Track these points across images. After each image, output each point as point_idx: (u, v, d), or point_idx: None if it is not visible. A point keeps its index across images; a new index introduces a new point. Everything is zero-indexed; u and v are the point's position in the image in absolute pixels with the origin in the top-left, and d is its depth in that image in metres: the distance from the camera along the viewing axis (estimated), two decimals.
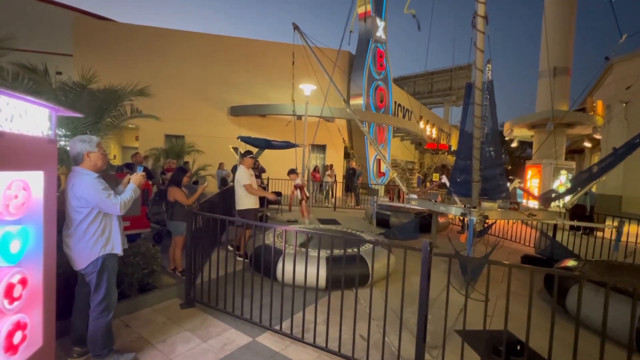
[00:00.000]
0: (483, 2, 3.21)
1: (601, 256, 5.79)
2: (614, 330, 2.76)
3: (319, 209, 11.00)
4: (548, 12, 12.79)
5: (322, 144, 15.79)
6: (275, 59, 14.92)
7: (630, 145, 4.68)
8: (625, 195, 15.66)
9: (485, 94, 4.20)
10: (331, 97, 10.17)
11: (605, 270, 4.12)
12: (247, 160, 4.94)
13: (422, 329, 2.11)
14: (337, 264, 3.49)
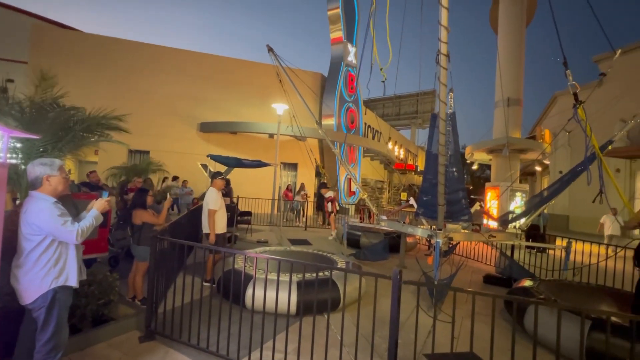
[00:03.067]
0: (445, 42, 3.50)
1: (553, 274, 6.23)
2: (567, 347, 2.95)
3: (290, 228, 10.89)
4: (501, 49, 14.16)
5: (294, 163, 15.84)
6: (248, 77, 15.01)
7: (574, 173, 5.18)
8: (572, 215, 17.17)
9: (449, 122, 4.49)
10: (303, 117, 10.33)
11: (558, 289, 4.43)
12: (217, 182, 4.80)
13: (392, 355, 2.13)
14: (308, 288, 3.45)
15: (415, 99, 37.42)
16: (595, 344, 2.77)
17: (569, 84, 4.35)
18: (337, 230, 9.20)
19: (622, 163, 15.63)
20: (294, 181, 15.82)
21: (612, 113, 12.43)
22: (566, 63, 4.21)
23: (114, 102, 10.22)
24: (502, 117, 13.10)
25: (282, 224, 10.82)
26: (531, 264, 6.83)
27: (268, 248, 5.90)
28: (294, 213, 12.44)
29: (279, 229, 9.61)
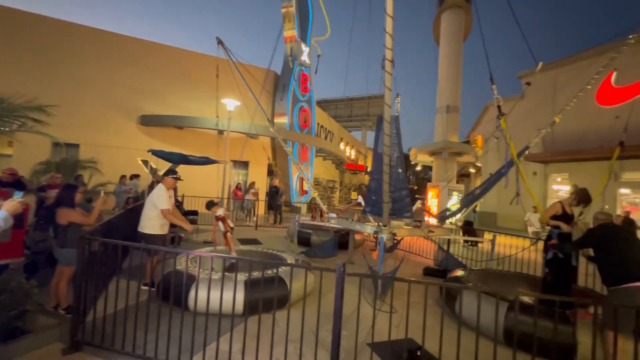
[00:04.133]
0: (390, 49, 3.71)
1: (482, 264, 6.96)
2: (490, 328, 3.31)
3: (240, 228, 10.60)
4: (442, 61, 15.39)
5: (245, 161, 15.45)
6: (196, 69, 14.26)
7: (499, 174, 5.84)
8: (499, 212, 19.27)
9: (394, 125, 4.77)
10: (255, 114, 10.13)
11: (484, 277, 4.96)
12: (168, 181, 4.43)
13: (336, 346, 2.21)
14: (255, 287, 3.41)
15: (366, 102, 38.87)
16: (511, 323, 3.17)
17: (494, 97, 4.89)
18: (288, 229, 9.20)
19: (539, 167, 17.99)
20: (244, 180, 15.43)
21: (530, 123, 14.23)
22: (492, 79, 4.73)
23: (38, 89, 9.05)
24: (442, 122, 14.26)
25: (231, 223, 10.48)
26: (464, 256, 7.55)
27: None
28: (245, 212, 12.14)
29: None
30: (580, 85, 5.99)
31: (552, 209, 4.27)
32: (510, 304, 3.34)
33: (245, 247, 6.24)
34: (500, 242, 8.40)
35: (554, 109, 15.64)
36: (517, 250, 6.98)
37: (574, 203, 4.22)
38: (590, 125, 14.91)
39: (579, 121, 15.14)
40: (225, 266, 3.60)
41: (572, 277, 4.10)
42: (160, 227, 4.20)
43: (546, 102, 16.54)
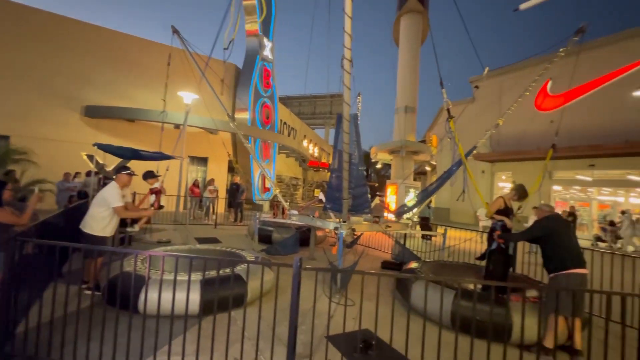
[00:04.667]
0: (349, 48, 3.79)
1: (434, 256, 7.40)
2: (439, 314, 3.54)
3: (198, 227, 10.21)
4: (400, 63, 16.01)
5: (204, 157, 14.87)
6: (150, 59, 13.39)
7: (449, 172, 6.24)
8: (452, 208, 20.60)
9: (353, 124, 4.88)
10: (215, 109, 9.78)
11: (436, 268, 5.28)
12: (122, 178, 4.07)
13: (292, 340, 2.23)
14: (212, 286, 3.31)
15: (329, 100, 39.24)
16: (458, 309, 3.42)
17: (444, 100, 5.20)
18: (249, 227, 9.05)
19: (486, 166, 19.51)
20: (203, 176, 14.85)
21: (480, 124, 15.38)
22: (442, 83, 5.02)
23: None
24: (401, 122, 14.87)
25: (188, 222, 10.05)
26: (419, 249, 7.98)
27: (170, 248, 5.42)
28: (203, 210, 11.70)
29: (184, 227, 8.91)
30: (521, 91, 6.60)
31: (495, 203, 4.65)
32: (457, 291, 3.60)
33: (203, 247, 6.02)
34: (452, 235, 8.99)
35: (500, 112, 17.04)
36: (465, 242, 7.53)
37: (514, 198, 4.64)
38: (530, 129, 16.41)
39: (520, 124, 16.61)
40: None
41: (510, 265, 4.53)
42: (103, 228, 3.83)
43: (493, 105, 17.94)
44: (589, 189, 16.83)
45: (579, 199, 17.63)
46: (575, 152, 14.42)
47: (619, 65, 15.03)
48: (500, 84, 18.32)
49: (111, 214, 3.84)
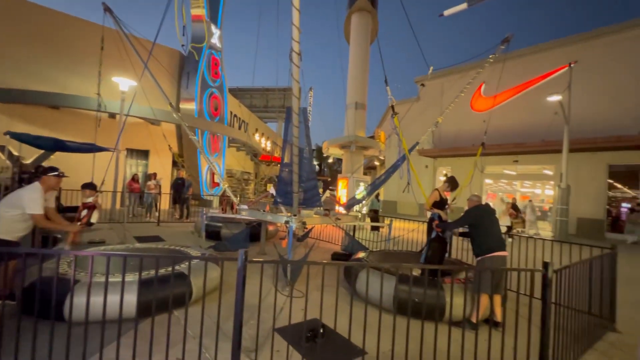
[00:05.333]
0: (297, 41, 3.78)
1: (381, 246, 7.79)
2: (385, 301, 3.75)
3: (139, 225, 9.47)
4: (351, 60, 16.39)
5: (145, 150, 13.76)
6: (79, 39, 11.92)
7: (395, 166, 6.59)
8: (399, 200, 21.80)
9: (302, 117, 4.89)
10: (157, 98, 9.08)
11: (382, 257, 5.57)
12: (49, 180, 3.47)
13: (237, 335, 2.19)
14: (150, 286, 3.11)
15: (283, 93, 38.69)
16: (399, 294, 3.65)
17: (388, 97, 5.45)
18: (196, 223, 8.64)
19: (429, 161, 20.98)
20: (144, 171, 13.76)
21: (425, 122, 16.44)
22: (386, 81, 5.26)
23: None
24: (351, 117, 15.27)
25: (126, 220, 9.26)
26: (368, 240, 8.34)
27: (104, 248, 4.95)
28: (144, 207, 10.86)
29: (122, 226, 8.19)
30: (459, 92, 7.17)
31: (432, 196, 5.04)
32: (399, 278, 3.85)
33: (143, 245, 5.61)
34: (398, 226, 9.54)
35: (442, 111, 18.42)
36: (410, 233, 8.05)
37: (447, 189, 5.07)
38: (466, 127, 18.00)
39: (458, 123, 18.14)
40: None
41: (446, 251, 4.97)
42: (10, 232, 3.23)
43: (436, 104, 19.28)
44: (514, 182, 19.04)
45: (506, 191, 19.85)
46: (503, 149, 16.16)
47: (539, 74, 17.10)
48: (442, 84, 19.74)
49: (25, 219, 3.29)
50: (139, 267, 2.34)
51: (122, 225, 8.21)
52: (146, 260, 3.89)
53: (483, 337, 3.13)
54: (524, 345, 2.45)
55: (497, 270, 3.39)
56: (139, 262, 2.33)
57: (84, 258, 3.66)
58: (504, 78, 12.72)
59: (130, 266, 3.86)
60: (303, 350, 2.69)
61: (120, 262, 3.86)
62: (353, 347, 2.86)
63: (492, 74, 13.30)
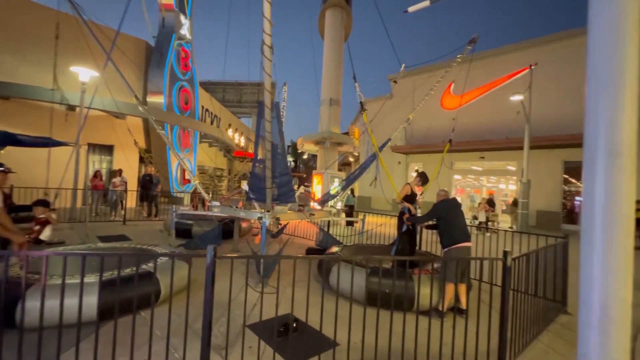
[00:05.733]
0: (269, 34, 3.71)
1: (354, 240, 7.91)
2: (357, 293, 3.81)
3: (103, 224, 8.98)
4: (325, 56, 16.39)
5: (109, 145, 13.03)
6: (32, 24, 11.00)
7: (367, 162, 6.69)
8: (373, 196, 22.21)
9: (274, 112, 4.83)
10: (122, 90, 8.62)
11: (355, 251, 5.66)
12: None
13: (207, 333, 2.14)
14: (113, 287, 2.97)
15: (257, 88, 37.93)
16: (370, 285, 3.73)
17: (357, 94, 5.51)
18: (165, 222, 8.33)
19: (402, 157, 21.53)
20: (109, 167, 13.03)
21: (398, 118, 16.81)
22: (355, 77, 5.30)
23: None
24: (326, 114, 15.31)
25: (88, 219, 8.75)
26: (342, 234, 8.43)
27: (62, 249, 4.64)
28: (109, 205, 10.30)
29: (83, 225, 7.72)
30: (428, 90, 7.37)
31: (404, 190, 5.17)
32: (371, 270, 3.93)
33: (108, 245, 5.32)
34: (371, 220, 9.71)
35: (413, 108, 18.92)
36: (382, 227, 8.23)
37: (418, 183, 5.23)
38: (437, 124, 18.59)
39: (430, 120, 18.70)
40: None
41: (416, 243, 5.14)
42: None
43: (408, 101, 19.76)
44: (481, 177, 19.99)
45: (474, 186, 20.81)
46: (470, 146, 16.90)
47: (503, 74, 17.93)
48: (414, 82, 20.24)
49: None
50: (100, 266, 2.22)
51: (84, 224, 7.74)
52: (109, 260, 3.70)
53: (449, 324, 3.28)
54: (486, 330, 2.59)
55: (461, 260, 3.55)
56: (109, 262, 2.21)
57: (39, 259, 3.41)
58: (471, 78, 13.28)
59: (92, 267, 3.65)
60: (275, 345, 2.69)
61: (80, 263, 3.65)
62: (325, 339, 2.89)
63: (460, 74, 13.81)
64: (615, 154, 0.93)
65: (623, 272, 0.98)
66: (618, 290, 0.97)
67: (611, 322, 0.98)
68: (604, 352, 0.99)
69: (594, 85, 1.03)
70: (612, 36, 0.99)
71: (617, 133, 0.95)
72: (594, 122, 1.01)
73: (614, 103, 0.96)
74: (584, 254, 1.07)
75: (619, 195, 0.96)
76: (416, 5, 1.73)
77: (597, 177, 1.00)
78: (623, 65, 0.97)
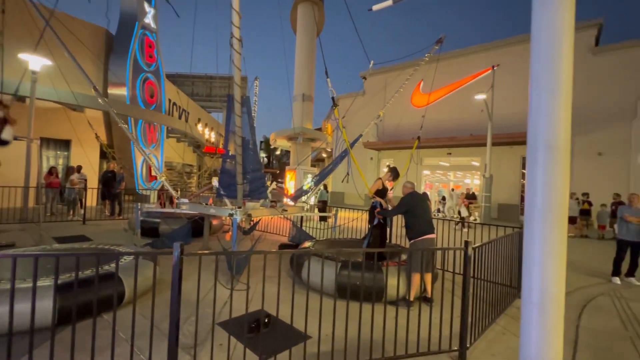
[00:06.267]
0: (237, 27, 3.63)
1: (327, 234, 8.00)
2: (329, 286, 3.87)
3: (59, 224, 8.40)
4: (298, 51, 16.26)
5: (65, 139, 12.16)
6: None
7: (339, 158, 6.77)
8: (346, 192, 22.50)
9: (245, 107, 4.75)
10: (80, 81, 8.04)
11: (328, 245, 5.72)
12: None
13: (174, 333, 2.09)
14: (70, 290, 2.80)
15: (227, 82, 36.91)
16: (341, 279, 3.80)
17: (329, 89, 5.55)
18: (130, 220, 7.94)
19: (374, 153, 21.95)
20: (65, 163, 12.16)
21: (369, 115, 17.09)
22: (327, 73, 5.34)
23: None
24: (299, 109, 15.24)
25: (42, 219, 8.14)
26: (315, 228, 8.50)
27: (12, 251, 4.30)
28: (66, 204, 9.64)
29: (37, 226, 7.17)
30: (398, 88, 7.56)
31: (375, 185, 5.29)
32: (342, 264, 4.00)
33: (65, 246, 4.99)
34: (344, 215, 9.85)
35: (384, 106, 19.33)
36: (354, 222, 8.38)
37: (390, 179, 5.37)
38: (408, 121, 19.13)
39: (400, 117, 19.19)
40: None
41: (386, 237, 5.29)
42: None
43: (380, 98, 20.14)
44: (448, 172, 20.87)
45: (442, 181, 21.69)
46: (438, 142, 17.58)
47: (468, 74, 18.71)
48: (385, 79, 20.66)
49: None
50: (55, 268, 2.08)
51: (38, 225, 7.19)
52: (67, 261, 3.48)
53: (416, 312, 3.42)
54: (449, 316, 2.74)
55: (426, 251, 3.71)
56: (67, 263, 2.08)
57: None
58: (438, 77, 13.78)
59: (47, 269, 3.41)
60: (246, 341, 2.67)
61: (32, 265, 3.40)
62: (297, 333, 2.92)
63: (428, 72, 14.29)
64: (553, 148, 1.04)
65: (559, 255, 1.09)
66: (555, 271, 1.08)
67: (549, 299, 1.09)
68: (543, 326, 1.10)
69: (535, 87, 1.14)
70: (551, 47, 1.10)
71: (555, 129, 1.06)
72: (536, 120, 1.12)
73: (552, 103, 1.06)
74: (526, 240, 1.18)
75: (555, 185, 1.07)
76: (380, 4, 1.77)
77: (537, 169, 1.11)
78: (560, 71, 1.08)
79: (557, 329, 1.14)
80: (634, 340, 3.33)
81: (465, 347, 2.73)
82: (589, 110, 14.29)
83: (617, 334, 3.50)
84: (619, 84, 13.98)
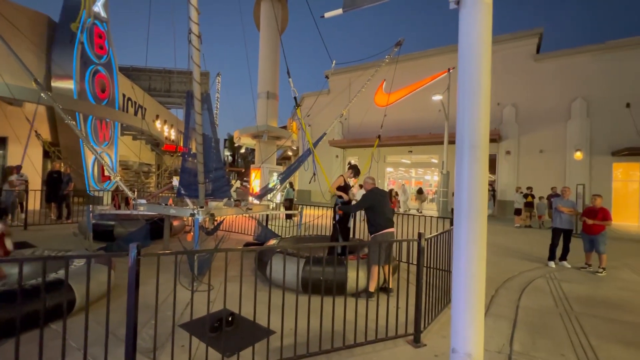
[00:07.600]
0: (196, 23, 3.55)
1: (292, 232, 8.06)
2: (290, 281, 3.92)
3: None
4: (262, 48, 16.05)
5: (1, 137, 10.99)
6: None
7: (305, 156, 6.85)
8: (312, 190, 22.64)
9: (205, 104, 4.65)
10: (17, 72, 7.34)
11: (293, 242, 5.78)
12: None
13: (131, 336, 2.04)
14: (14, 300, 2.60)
15: (186, 77, 35.25)
16: (304, 274, 3.88)
17: (291, 89, 5.61)
18: (80, 224, 7.41)
19: (340, 151, 22.30)
20: (1, 164, 11.00)
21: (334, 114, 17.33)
22: (289, 72, 5.38)
23: None
24: (263, 107, 15.07)
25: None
26: (282, 228, 8.51)
27: None
28: (4, 208, 8.72)
29: None
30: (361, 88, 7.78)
31: (337, 181, 5.44)
32: (306, 260, 4.09)
33: None
34: (309, 213, 9.97)
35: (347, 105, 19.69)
36: (319, 219, 8.52)
37: (351, 176, 5.55)
38: (371, 120, 19.66)
39: (364, 116, 19.68)
40: None
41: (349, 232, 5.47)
42: None
43: (344, 97, 20.49)
44: (410, 169, 21.81)
45: (404, 178, 22.61)
46: (400, 140, 18.30)
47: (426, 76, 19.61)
48: (349, 78, 21.04)
49: None
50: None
51: None
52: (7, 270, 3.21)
53: (376, 302, 3.60)
54: (405, 304, 2.94)
55: (383, 244, 3.91)
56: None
57: None
58: (399, 78, 14.34)
59: None
60: (208, 340, 2.66)
61: None
62: (260, 328, 2.96)
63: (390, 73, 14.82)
64: (474, 147, 1.20)
65: (480, 240, 1.27)
66: (477, 254, 1.25)
67: (473, 278, 1.26)
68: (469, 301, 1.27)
69: (462, 92, 1.30)
70: (473, 58, 1.27)
71: (477, 129, 1.22)
72: (462, 121, 1.28)
73: (475, 106, 1.23)
74: (456, 228, 1.34)
75: (476, 180, 1.24)
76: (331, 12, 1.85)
77: (463, 165, 1.27)
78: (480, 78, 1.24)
79: (479, 303, 1.31)
80: (562, 316, 3.79)
81: (420, 331, 2.94)
82: (532, 111, 15.70)
83: (550, 311, 3.95)
84: (556, 88, 15.50)
